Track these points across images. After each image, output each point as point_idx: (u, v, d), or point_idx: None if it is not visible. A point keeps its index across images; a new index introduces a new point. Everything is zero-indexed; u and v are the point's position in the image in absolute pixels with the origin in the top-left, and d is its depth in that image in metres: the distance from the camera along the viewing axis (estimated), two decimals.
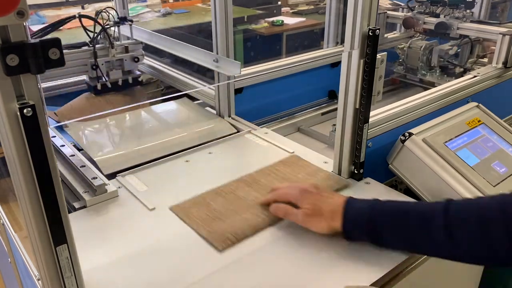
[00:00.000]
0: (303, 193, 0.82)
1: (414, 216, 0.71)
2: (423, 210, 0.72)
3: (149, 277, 0.72)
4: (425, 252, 0.74)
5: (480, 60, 1.64)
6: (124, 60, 1.38)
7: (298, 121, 1.44)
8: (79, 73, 1.35)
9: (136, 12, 2.93)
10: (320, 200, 0.80)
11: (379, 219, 0.74)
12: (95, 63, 1.33)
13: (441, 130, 1.01)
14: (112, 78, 1.37)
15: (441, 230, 0.68)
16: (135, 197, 0.93)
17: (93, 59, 1.32)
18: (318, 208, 0.78)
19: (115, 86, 1.38)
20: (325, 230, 0.78)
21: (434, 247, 0.70)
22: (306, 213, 0.79)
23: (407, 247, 0.74)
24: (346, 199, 0.79)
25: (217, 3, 1.13)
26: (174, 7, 3.32)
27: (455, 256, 0.69)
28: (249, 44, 3.04)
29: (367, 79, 0.88)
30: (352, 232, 0.76)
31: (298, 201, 0.81)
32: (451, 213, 0.68)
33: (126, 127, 1.28)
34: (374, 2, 0.84)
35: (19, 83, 0.48)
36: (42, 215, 0.54)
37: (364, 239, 0.76)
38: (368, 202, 0.77)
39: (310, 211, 0.79)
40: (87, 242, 0.80)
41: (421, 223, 0.70)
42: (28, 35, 0.47)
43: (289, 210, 0.81)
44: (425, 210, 0.72)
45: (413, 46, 1.63)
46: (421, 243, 0.71)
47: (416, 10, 1.73)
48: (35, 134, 0.50)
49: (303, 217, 0.79)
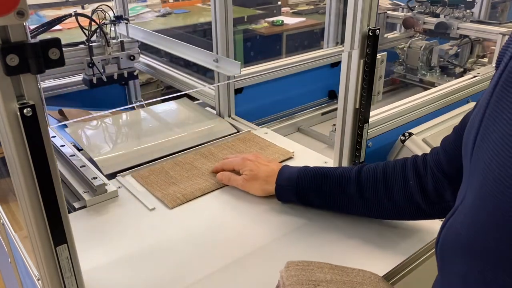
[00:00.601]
0: (244, 161, 0.94)
1: (333, 179, 0.82)
2: (340, 173, 0.82)
3: (149, 277, 0.72)
4: (342, 209, 0.84)
5: (480, 60, 1.64)
6: (120, 58, 1.40)
7: (298, 121, 1.44)
8: (76, 71, 1.38)
9: (136, 12, 2.93)
10: (257, 167, 0.91)
11: (304, 181, 0.84)
12: (91, 61, 1.34)
13: (441, 130, 1.01)
14: (108, 72, 1.39)
15: (355, 190, 0.79)
16: (135, 197, 0.93)
17: (89, 57, 1.34)
18: (255, 174, 0.90)
19: (110, 79, 1.40)
20: (260, 193, 0.90)
21: (349, 205, 0.82)
22: (244, 178, 0.91)
23: (326, 204, 0.85)
24: (281, 167, 0.89)
25: (217, 3, 1.13)
26: (174, 7, 3.32)
27: (366, 212, 0.81)
28: (249, 44, 3.04)
29: (367, 79, 0.88)
30: (283, 193, 0.88)
31: (240, 168, 0.94)
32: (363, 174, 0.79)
33: (126, 127, 1.28)
34: (374, 2, 0.84)
35: (19, 83, 0.48)
36: (42, 215, 0.54)
37: (293, 199, 0.87)
38: (297, 168, 0.87)
39: (248, 177, 0.91)
40: (87, 242, 0.80)
41: (338, 185, 0.81)
42: (28, 35, 0.47)
43: (231, 177, 0.94)
44: (342, 173, 0.82)
45: (413, 46, 1.63)
46: (338, 201, 0.82)
47: (416, 10, 1.73)
48: (35, 134, 0.50)
49: (242, 182, 0.92)
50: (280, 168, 0.89)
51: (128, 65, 1.42)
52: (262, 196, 0.91)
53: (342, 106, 0.93)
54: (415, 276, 0.78)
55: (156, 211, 0.89)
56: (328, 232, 0.82)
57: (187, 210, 0.89)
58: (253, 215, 0.87)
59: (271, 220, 0.86)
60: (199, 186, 0.96)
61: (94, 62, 1.34)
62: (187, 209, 0.89)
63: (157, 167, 1.03)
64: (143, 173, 1.01)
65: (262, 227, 0.84)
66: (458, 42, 1.61)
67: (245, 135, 1.18)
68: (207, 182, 0.98)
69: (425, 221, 0.82)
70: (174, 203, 0.90)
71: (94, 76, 1.36)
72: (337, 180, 0.81)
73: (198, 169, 1.03)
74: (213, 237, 0.82)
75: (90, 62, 1.34)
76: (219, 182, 0.97)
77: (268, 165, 0.92)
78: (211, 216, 0.87)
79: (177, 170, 1.02)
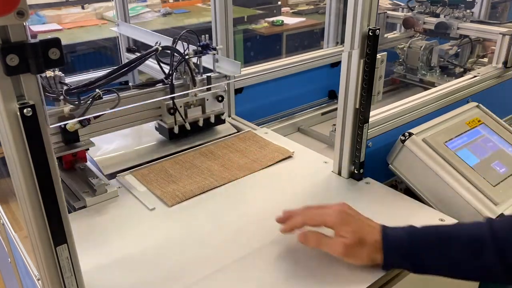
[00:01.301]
0: (342, 216, 0.72)
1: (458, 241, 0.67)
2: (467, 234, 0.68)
3: (149, 277, 0.72)
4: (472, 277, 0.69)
5: (480, 60, 1.64)
6: (205, 99, 1.13)
7: (298, 121, 1.44)
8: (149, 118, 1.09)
9: (136, 12, 2.93)
10: (361, 227, 0.71)
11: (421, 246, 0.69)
12: (173, 105, 1.07)
13: (441, 130, 1.01)
14: (191, 117, 1.11)
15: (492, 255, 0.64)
16: (135, 197, 0.93)
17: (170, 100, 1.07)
18: (360, 237, 0.70)
19: (195, 127, 1.13)
20: (365, 262, 0.71)
21: (484, 272, 0.66)
22: (345, 243, 0.70)
23: (451, 273, 0.68)
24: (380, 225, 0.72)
25: (217, 3, 1.13)
26: (174, 7, 3.32)
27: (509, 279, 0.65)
28: (249, 44, 3.04)
29: (367, 79, 0.88)
30: (392, 262, 0.71)
31: (336, 227, 0.72)
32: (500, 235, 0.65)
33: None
34: (374, 2, 0.84)
35: (19, 83, 0.48)
36: (42, 215, 0.54)
37: (405, 267, 0.71)
38: (404, 229, 0.71)
39: (351, 241, 0.70)
40: (87, 242, 0.80)
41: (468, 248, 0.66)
42: (28, 35, 0.47)
43: (323, 240, 0.72)
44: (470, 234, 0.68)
45: (413, 46, 1.63)
46: (468, 268, 0.67)
47: (416, 10, 1.73)
48: (35, 134, 0.50)
49: (344, 249, 0.70)
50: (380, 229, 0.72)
51: (214, 107, 1.15)
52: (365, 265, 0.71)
53: (342, 106, 0.94)
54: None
55: (156, 211, 0.89)
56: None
57: (187, 210, 0.89)
58: (253, 215, 0.87)
59: (272, 219, 0.86)
60: (198, 184, 0.96)
61: (177, 106, 1.08)
62: (187, 209, 0.89)
63: (157, 166, 1.03)
64: (143, 171, 1.01)
65: (262, 227, 0.84)
66: (458, 42, 1.61)
67: (245, 134, 1.18)
68: (206, 180, 0.98)
69: None
70: (173, 201, 0.91)
71: (176, 124, 1.10)
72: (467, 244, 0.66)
73: (198, 168, 1.03)
74: (213, 237, 0.82)
75: (172, 107, 1.07)
76: (217, 178, 0.97)
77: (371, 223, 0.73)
78: (211, 216, 0.87)
79: (177, 168, 1.02)
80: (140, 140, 1.16)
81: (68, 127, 0.92)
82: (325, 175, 1.00)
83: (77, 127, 0.93)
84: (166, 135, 1.12)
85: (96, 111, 0.95)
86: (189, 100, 1.10)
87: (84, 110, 0.93)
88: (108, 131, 1.02)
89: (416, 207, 0.88)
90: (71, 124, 0.91)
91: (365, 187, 0.95)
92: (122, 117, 1.03)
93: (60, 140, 0.94)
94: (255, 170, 1.02)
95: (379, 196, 0.91)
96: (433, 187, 0.94)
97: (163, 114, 1.08)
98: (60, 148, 0.95)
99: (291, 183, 0.98)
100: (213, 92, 1.14)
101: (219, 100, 1.14)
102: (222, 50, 1.16)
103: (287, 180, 0.99)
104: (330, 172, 1.01)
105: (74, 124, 0.92)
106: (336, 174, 1.00)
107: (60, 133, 0.94)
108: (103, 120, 1.00)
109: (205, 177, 0.99)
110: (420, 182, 0.96)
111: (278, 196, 0.94)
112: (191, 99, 1.10)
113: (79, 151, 0.97)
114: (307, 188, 0.96)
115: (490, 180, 0.94)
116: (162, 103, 1.07)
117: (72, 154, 0.97)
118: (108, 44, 2.44)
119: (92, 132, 0.99)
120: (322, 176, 1.00)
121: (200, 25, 2.88)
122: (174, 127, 1.10)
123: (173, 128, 1.10)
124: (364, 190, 0.94)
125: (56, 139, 0.94)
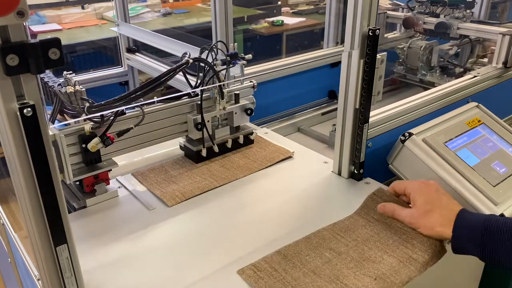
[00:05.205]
0: (422, 187, 0.78)
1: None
2: None
3: (149, 277, 0.72)
4: None
5: (480, 60, 1.64)
6: (234, 113, 1.06)
7: (298, 121, 1.44)
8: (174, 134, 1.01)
9: (136, 12, 2.93)
10: (435, 200, 0.76)
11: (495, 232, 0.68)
12: (202, 120, 0.99)
13: (441, 130, 1.01)
14: (219, 138, 1.05)
15: None
16: (135, 197, 0.93)
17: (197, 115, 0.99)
18: (430, 209, 0.75)
19: (222, 148, 1.06)
20: (431, 233, 0.74)
21: None
22: (412, 213, 0.76)
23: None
24: (461, 208, 0.75)
25: (217, 3, 1.13)
26: (174, 7, 3.32)
27: None
28: (249, 44, 3.04)
29: (367, 79, 0.88)
30: (461, 243, 0.71)
31: (414, 194, 0.78)
32: None
33: None
34: (374, 2, 0.84)
35: (19, 83, 0.48)
36: (42, 215, 0.54)
37: (473, 252, 0.70)
38: (482, 215, 0.72)
39: (419, 211, 0.75)
40: (87, 242, 0.80)
41: None
42: (28, 35, 0.47)
43: (397, 210, 0.79)
44: None
45: (413, 46, 1.63)
46: None
47: (416, 10, 1.73)
48: (35, 134, 0.50)
49: (410, 218, 0.76)
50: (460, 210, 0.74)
51: (242, 122, 1.07)
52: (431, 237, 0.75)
53: (342, 106, 0.94)
54: None
55: (156, 211, 0.89)
56: None
57: (187, 210, 0.89)
58: (254, 215, 0.87)
59: (272, 219, 0.86)
60: (198, 184, 0.96)
61: (205, 122, 0.99)
62: (187, 209, 0.89)
63: (157, 166, 1.03)
64: (143, 171, 1.01)
65: (263, 227, 0.84)
66: (458, 42, 1.61)
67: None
68: (206, 180, 0.98)
69: None
70: (173, 201, 0.91)
71: (204, 146, 1.01)
72: None
73: (198, 168, 1.02)
74: (214, 237, 0.82)
75: (200, 122, 0.99)
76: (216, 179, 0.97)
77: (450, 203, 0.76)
78: (212, 217, 0.87)
79: (177, 168, 1.02)
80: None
81: (89, 147, 0.84)
82: (325, 175, 1.00)
83: (100, 146, 0.85)
84: (193, 158, 1.03)
85: (119, 128, 0.89)
86: (217, 114, 1.03)
87: (106, 127, 0.86)
88: (131, 150, 0.95)
89: None
90: (93, 144, 0.84)
91: (365, 187, 0.95)
92: (146, 134, 0.96)
93: (80, 160, 0.87)
94: (254, 170, 1.02)
95: None
96: None
97: (190, 129, 1.01)
98: (80, 169, 0.87)
99: (291, 183, 0.98)
100: (241, 105, 1.06)
101: (248, 114, 1.07)
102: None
103: (287, 180, 0.99)
104: (330, 172, 1.01)
105: (96, 144, 0.84)
106: (336, 174, 1.00)
107: (81, 153, 0.86)
108: (126, 138, 0.92)
109: (205, 177, 0.99)
110: None
111: (278, 196, 0.93)
112: (219, 113, 1.03)
113: (101, 173, 0.89)
114: (307, 188, 0.96)
115: (490, 180, 0.94)
116: (188, 118, 1.00)
117: (94, 176, 0.88)
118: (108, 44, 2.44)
119: (115, 151, 0.92)
120: (322, 176, 1.00)
121: (200, 25, 2.88)
122: (202, 150, 1.02)
123: (201, 151, 1.02)
124: (364, 190, 0.94)
125: (76, 159, 0.86)
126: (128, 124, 0.91)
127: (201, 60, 0.98)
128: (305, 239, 0.78)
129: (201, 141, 1.02)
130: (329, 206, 0.90)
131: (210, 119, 1.02)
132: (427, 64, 1.63)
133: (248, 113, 1.07)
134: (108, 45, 2.44)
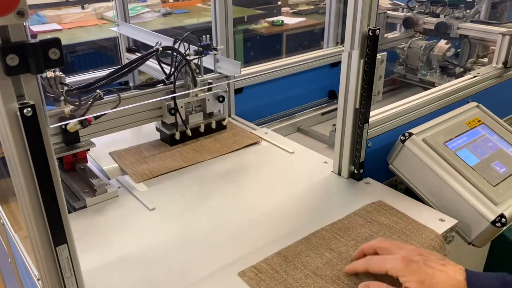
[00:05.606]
0: (407, 264, 0.63)
1: None
2: None
3: (148, 277, 0.72)
4: None
5: (480, 60, 1.64)
6: (206, 100, 1.13)
7: (298, 121, 1.44)
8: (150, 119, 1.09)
9: (136, 12, 2.93)
10: (430, 275, 0.62)
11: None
12: (175, 106, 1.06)
13: (441, 130, 1.01)
14: (193, 123, 1.13)
15: None
16: (135, 197, 0.93)
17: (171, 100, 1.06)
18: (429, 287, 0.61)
19: (195, 133, 1.14)
20: None
21: None
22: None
23: None
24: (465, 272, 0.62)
25: (217, 3, 1.13)
26: (174, 7, 3.32)
27: None
28: (249, 44, 3.04)
29: (367, 79, 0.88)
30: None
31: (400, 275, 0.63)
32: None
33: None
34: (374, 2, 0.84)
35: (19, 83, 0.48)
36: (42, 215, 0.54)
37: None
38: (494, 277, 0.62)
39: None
40: (87, 242, 0.80)
41: None
42: (28, 35, 0.47)
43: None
44: None
45: (413, 46, 1.63)
46: None
47: (416, 10, 1.73)
48: (35, 134, 0.50)
49: None
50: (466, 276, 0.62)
51: (214, 109, 1.16)
52: None
53: (342, 106, 0.94)
54: None
55: (156, 211, 0.89)
56: None
57: (188, 210, 0.89)
58: (254, 215, 0.87)
59: (272, 219, 0.86)
60: (166, 164, 1.02)
61: (178, 106, 1.06)
62: (188, 209, 0.89)
63: (133, 147, 1.11)
64: (119, 152, 1.08)
65: (264, 227, 0.84)
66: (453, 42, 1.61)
67: (239, 131, 1.19)
68: (176, 161, 1.04)
69: None
70: (141, 178, 0.98)
71: (178, 130, 1.09)
72: None
73: (171, 151, 1.08)
74: (214, 237, 0.82)
75: (173, 107, 1.06)
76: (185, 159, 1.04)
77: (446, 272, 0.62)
78: (212, 216, 0.87)
79: (151, 150, 1.09)
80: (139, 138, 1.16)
81: (68, 127, 0.92)
82: (325, 175, 1.00)
83: (78, 127, 0.93)
84: (168, 141, 1.12)
85: (97, 112, 0.95)
86: (190, 101, 1.11)
87: (84, 110, 0.93)
88: (109, 132, 1.02)
89: (416, 207, 0.88)
90: (72, 125, 0.91)
91: (365, 187, 0.95)
92: (123, 118, 1.03)
93: (60, 140, 0.95)
94: (223, 153, 1.08)
95: (379, 196, 0.91)
96: (433, 187, 0.94)
97: (164, 114, 1.08)
98: (60, 148, 0.95)
99: (291, 183, 0.98)
100: (214, 93, 1.14)
101: (220, 101, 1.15)
102: (222, 50, 1.16)
103: (287, 180, 0.99)
104: (330, 172, 1.01)
105: (74, 125, 0.92)
106: (336, 174, 1.00)
107: (61, 133, 0.94)
108: (104, 121, 1.00)
109: (175, 158, 1.05)
110: (420, 182, 0.96)
111: (278, 196, 0.93)
112: (192, 99, 1.11)
113: (79, 152, 0.97)
114: (307, 188, 0.96)
115: (490, 180, 0.94)
116: (163, 104, 1.07)
117: (72, 155, 0.97)
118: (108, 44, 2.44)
119: (93, 132, 0.99)
120: (322, 176, 1.00)
121: (200, 25, 2.88)
122: (175, 133, 1.10)
123: (175, 134, 1.10)
124: (364, 190, 0.94)
125: (57, 139, 0.94)
126: (105, 108, 0.97)
127: (170, 49, 1.05)
128: (305, 240, 0.78)
129: (175, 125, 1.10)
130: (329, 206, 0.90)
131: (184, 105, 1.09)
132: (427, 64, 1.63)
133: (220, 100, 1.15)
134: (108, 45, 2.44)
